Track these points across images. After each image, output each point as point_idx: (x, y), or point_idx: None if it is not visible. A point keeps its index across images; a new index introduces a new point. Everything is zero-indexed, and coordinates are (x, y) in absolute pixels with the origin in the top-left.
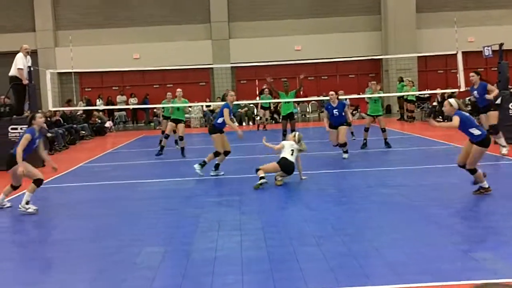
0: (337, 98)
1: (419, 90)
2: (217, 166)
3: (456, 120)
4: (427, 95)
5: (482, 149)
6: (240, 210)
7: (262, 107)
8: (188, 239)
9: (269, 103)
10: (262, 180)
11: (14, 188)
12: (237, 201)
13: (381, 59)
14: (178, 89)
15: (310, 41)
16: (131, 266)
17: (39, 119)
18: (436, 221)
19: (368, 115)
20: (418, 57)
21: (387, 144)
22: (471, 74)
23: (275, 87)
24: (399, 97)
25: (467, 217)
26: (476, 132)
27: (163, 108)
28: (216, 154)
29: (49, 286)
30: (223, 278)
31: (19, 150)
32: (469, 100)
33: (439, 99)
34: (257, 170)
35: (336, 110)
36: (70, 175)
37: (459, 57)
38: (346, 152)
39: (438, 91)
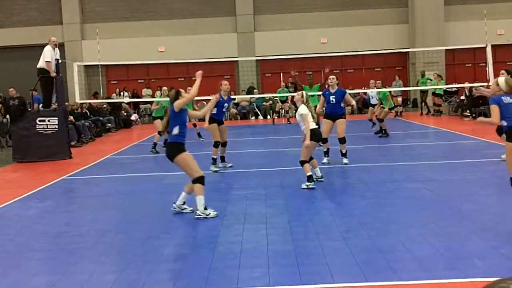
0: (337, 84)
1: (446, 84)
2: (222, 159)
3: (493, 112)
4: (455, 89)
5: (509, 144)
6: (266, 203)
7: (280, 101)
8: (215, 232)
9: (287, 96)
10: (310, 185)
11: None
12: (262, 195)
13: (408, 52)
14: (164, 87)
15: (336, 34)
16: (158, 257)
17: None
18: (465, 216)
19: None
20: (446, 50)
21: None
22: (502, 71)
23: (299, 81)
24: (422, 92)
25: (497, 213)
26: (503, 123)
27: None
28: (216, 145)
29: (78, 276)
30: (250, 271)
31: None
32: None
33: (467, 93)
34: (302, 163)
35: (333, 96)
36: (97, 167)
37: (488, 50)
38: (345, 155)
39: (466, 85)
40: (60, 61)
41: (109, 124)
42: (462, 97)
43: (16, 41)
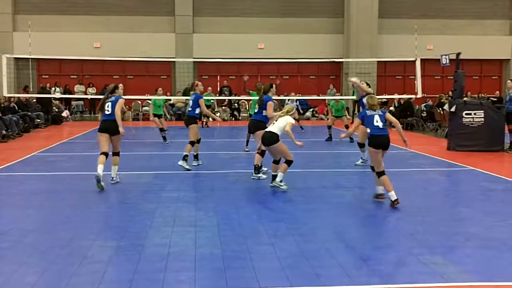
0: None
1: (377, 95)
2: (197, 156)
3: (356, 122)
4: (385, 99)
5: (370, 148)
6: (196, 206)
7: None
8: (142, 234)
9: (211, 101)
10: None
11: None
12: (193, 197)
13: (342, 62)
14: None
15: (274, 40)
16: (82, 259)
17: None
18: (389, 224)
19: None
20: (378, 62)
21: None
22: (509, 80)
23: (247, 87)
24: (355, 101)
25: (419, 221)
26: (368, 131)
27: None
28: (192, 143)
29: None
30: (176, 274)
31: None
32: (425, 107)
33: (396, 104)
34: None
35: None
36: (22, 163)
37: (418, 64)
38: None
39: (396, 96)
40: None
41: (38, 120)
42: (392, 108)
43: None
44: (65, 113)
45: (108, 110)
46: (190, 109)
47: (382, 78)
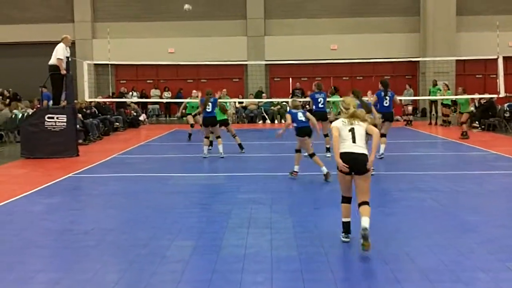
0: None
1: (455, 94)
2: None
3: (287, 118)
4: (464, 99)
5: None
6: (271, 208)
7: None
8: (219, 235)
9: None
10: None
11: None
12: (268, 199)
13: (418, 61)
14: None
15: (347, 40)
16: (161, 259)
17: None
18: (471, 228)
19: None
20: (457, 60)
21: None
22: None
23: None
24: (432, 101)
25: (504, 225)
26: (295, 124)
27: None
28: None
29: (81, 274)
30: (253, 276)
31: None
32: (508, 107)
33: (477, 104)
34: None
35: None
36: (103, 165)
37: (500, 62)
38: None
39: (476, 96)
40: (70, 59)
41: (117, 123)
42: (472, 108)
43: (27, 38)
44: (142, 117)
45: (209, 109)
46: (321, 106)
47: (461, 77)
